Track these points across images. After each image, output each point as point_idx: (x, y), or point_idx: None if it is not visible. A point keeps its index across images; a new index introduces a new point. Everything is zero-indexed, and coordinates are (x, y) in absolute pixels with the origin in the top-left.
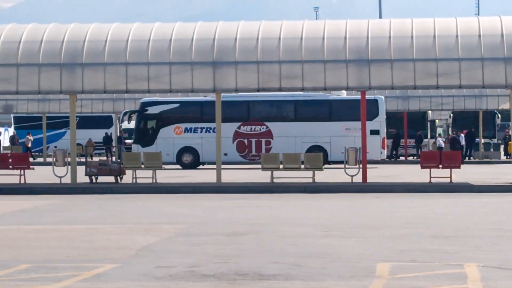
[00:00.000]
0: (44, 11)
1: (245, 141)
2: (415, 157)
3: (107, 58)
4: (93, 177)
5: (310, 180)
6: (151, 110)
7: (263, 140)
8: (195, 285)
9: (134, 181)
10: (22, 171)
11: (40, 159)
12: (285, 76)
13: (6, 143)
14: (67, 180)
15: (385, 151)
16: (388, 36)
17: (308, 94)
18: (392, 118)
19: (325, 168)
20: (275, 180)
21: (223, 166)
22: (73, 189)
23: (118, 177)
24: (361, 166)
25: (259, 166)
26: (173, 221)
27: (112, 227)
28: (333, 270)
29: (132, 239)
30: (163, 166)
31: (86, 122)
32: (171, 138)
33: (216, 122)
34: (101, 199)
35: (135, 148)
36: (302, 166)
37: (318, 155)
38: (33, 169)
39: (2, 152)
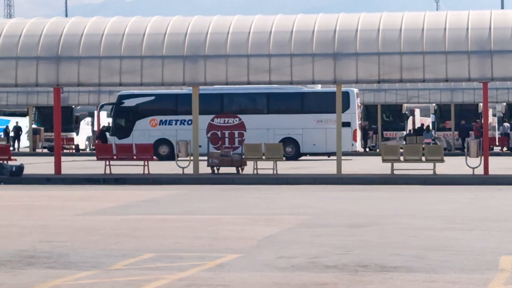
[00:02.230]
0: (166, 4)
1: (219, 133)
2: None
3: (229, 50)
4: (215, 168)
5: (431, 172)
6: (127, 102)
7: (236, 132)
8: (317, 276)
9: (255, 172)
10: (146, 161)
11: None
12: (406, 67)
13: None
14: (189, 170)
15: (357, 143)
16: None
17: (280, 86)
18: None
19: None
20: (395, 172)
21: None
22: (196, 179)
23: (240, 168)
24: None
25: None
26: (294, 212)
27: (234, 217)
28: (455, 262)
29: (254, 229)
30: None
31: None
32: (146, 130)
33: (336, 113)
34: (223, 190)
35: (112, 140)
36: (423, 158)
37: (439, 147)
38: (157, 159)
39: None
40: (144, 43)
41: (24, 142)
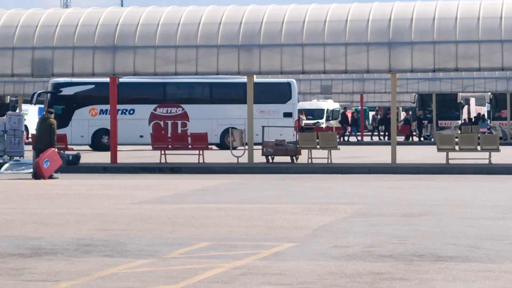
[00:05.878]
0: None
1: (161, 123)
2: None
3: (283, 39)
4: (270, 157)
5: (486, 162)
6: (66, 91)
7: (179, 122)
8: (372, 265)
9: (309, 161)
10: (201, 151)
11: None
12: (462, 56)
13: None
14: (244, 160)
15: (297, 132)
16: None
17: (223, 77)
18: None
19: None
20: (450, 161)
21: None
22: (250, 168)
23: (294, 157)
24: None
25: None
26: (349, 201)
27: (289, 206)
28: (511, 252)
29: (309, 218)
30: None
31: None
32: (86, 119)
33: (391, 102)
34: (278, 179)
35: None
36: (478, 147)
37: (495, 136)
38: (211, 149)
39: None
40: (199, 32)
41: None
